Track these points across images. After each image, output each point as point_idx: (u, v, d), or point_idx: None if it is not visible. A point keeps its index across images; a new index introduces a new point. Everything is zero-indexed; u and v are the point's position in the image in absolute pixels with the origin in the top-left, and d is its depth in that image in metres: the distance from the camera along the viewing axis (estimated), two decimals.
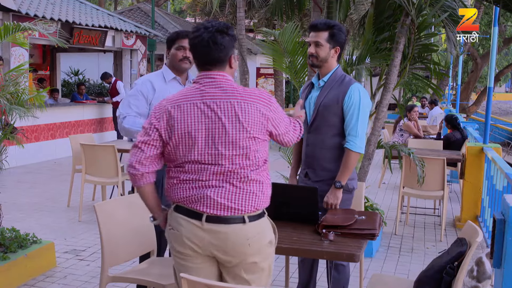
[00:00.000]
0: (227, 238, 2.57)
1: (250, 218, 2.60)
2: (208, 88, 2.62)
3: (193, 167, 2.60)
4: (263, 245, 2.65)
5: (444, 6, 5.49)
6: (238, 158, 2.58)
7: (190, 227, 2.59)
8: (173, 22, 19.03)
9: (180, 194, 2.62)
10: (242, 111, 2.57)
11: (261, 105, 2.62)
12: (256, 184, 2.63)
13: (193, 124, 2.57)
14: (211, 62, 2.64)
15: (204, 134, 2.57)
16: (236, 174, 2.58)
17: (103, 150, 6.64)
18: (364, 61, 5.62)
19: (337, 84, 3.65)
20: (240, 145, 2.57)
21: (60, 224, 6.53)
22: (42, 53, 16.08)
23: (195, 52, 2.68)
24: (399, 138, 10.37)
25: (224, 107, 2.57)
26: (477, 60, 22.60)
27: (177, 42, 3.92)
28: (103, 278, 3.45)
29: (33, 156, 10.93)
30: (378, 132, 5.71)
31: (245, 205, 2.59)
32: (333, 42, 3.58)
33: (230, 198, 2.57)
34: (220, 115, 2.57)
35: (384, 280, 3.61)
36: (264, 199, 2.67)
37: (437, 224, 7.01)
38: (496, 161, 5.92)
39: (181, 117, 2.59)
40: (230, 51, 2.69)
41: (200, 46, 2.62)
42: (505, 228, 3.14)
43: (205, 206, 2.57)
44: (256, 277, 2.67)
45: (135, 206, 3.66)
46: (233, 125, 2.56)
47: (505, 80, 40.85)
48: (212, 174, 2.58)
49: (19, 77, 5.07)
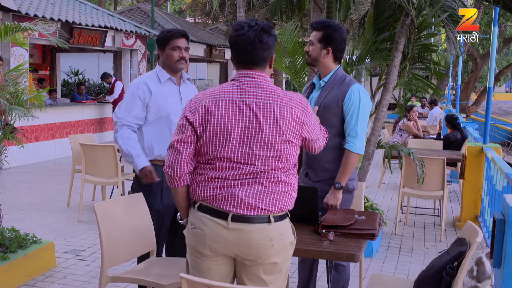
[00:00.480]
0: (251, 237, 2.56)
1: (275, 219, 2.60)
2: (248, 87, 2.60)
3: (224, 165, 2.58)
4: (285, 246, 2.65)
5: (444, 6, 5.49)
6: (271, 160, 2.57)
7: (215, 227, 2.57)
8: (173, 22, 19.03)
9: (206, 192, 2.60)
10: (280, 114, 2.56)
11: (298, 110, 2.61)
12: (284, 185, 2.62)
13: (230, 121, 2.55)
14: (255, 61, 2.62)
15: (240, 132, 2.56)
16: (266, 174, 2.57)
17: (103, 150, 6.64)
18: (364, 61, 5.62)
19: (337, 84, 3.65)
20: (275, 147, 2.56)
21: (60, 224, 6.53)
22: (42, 53, 16.09)
23: (238, 50, 2.63)
24: (399, 138, 10.37)
25: (263, 108, 2.56)
26: (477, 60, 22.61)
27: (172, 42, 3.79)
28: (103, 278, 3.44)
29: (33, 156, 10.93)
30: (378, 132, 5.71)
31: (272, 205, 2.58)
32: (324, 42, 3.58)
33: (258, 197, 2.56)
34: (258, 115, 2.55)
35: (384, 280, 3.61)
36: (290, 200, 2.66)
37: (437, 224, 7.01)
38: (496, 161, 5.92)
39: (218, 112, 2.56)
40: (273, 50, 2.69)
41: (245, 44, 2.58)
42: (505, 228, 3.14)
43: (231, 205, 2.55)
44: (274, 278, 2.66)
45: (134, 206, 3.67)
46: (271, 126, 2.55)
47: (505, 80, 40.87)
48: (242, 174, 2.57)
49: (19, 77, 5.07)
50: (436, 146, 8.83)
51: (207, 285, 2.27)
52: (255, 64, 2.62)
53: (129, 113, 3.82)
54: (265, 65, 2.66)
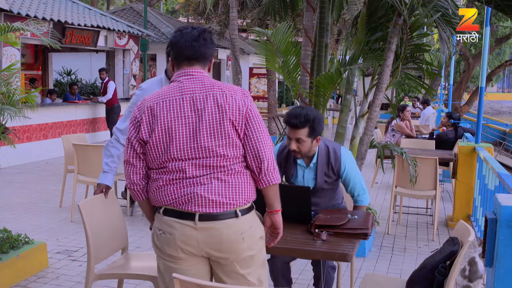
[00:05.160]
0: (221, 234, 2.56)
1: (242, 212, 2.60)
2: (186, 84, 2.63)
3: (176, 165, 2.57)
4: (255, 240, 2.66)
5: (436, 6, 5.50)
6: (222, 149, 2.56)
7: (184, 229, 2.57)
8: (165, 22, 19.00)
9: (168, 196, 2.59)
10: (221, 99, 2.58)
11: (241, 97, 2.62)
12: (243, 176, 2.62)
13: (171, 120, 2.57)
14: (197, 56, 2.66)
15: (183, 128, 2.56)
16: (221, 168, 2.57)
17: (96, 150, 6.62)
18: (357, 61, 5.63)
19: (326, 159, 3.71)
20: (221, 132, 2.55)
21: (52, 225, 6.50)
22: (34, 53, 16.01)
23: (182, 46, 2.66)
24: (391, 138, 10.39)
25: (203, 98, 2.58)
26: (469, 60, 22.70)
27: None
28: (90, 276, 3.48)
29: (25, 157, 10.89)
30: (370, 132, 5.72)
31: (236, 198, 2.58)
32: (314, 134, 3.56)
33: (220, 193, 2.56)
34: (199, 106, 2.57)
35: (377, 279, 3.62)
36: (253, 191, 2.67)
37: (429, 223, 7.03)
38: (488, 160, 5.95)
39: (160, 114, 2.58)
40: (213, 53, 2.74)
41: (189, 40, 2.65)
42: (496, 227, 3.15)
43: (196, 205, 2.55)
44: (252, 269, 2.67)
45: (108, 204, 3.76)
46: (213, 112, 2.56)
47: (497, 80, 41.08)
48: (197, 169, 2.56)
49: (10, 77, 5.05)
50: (429, 145, 8.86)
51: (199, 285, 2.26)
52: (197, 60, 2.67)
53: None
54: (206, 63, 2.71)
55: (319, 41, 5.95)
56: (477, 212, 6.65)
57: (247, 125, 2.59)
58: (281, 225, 2.77)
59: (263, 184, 2.62)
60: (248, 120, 2.60)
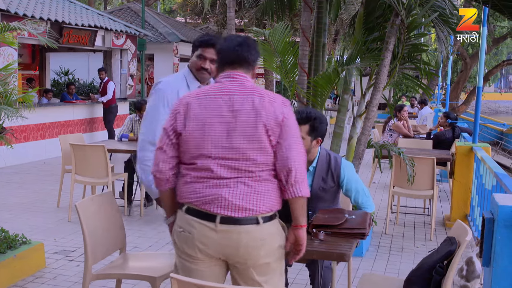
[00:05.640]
0: (240, 239, 2.55)
1: (264, 219, 2.59)
2: (228, 85, 2.66)
3: (205, 163, 2.58)
4: (274, 249, 2.64)
5: (434, 6, 5.51)
6: (253, 153, 2.56)
7: (203, 229, 2.57)
8: (163, 22, 18.98)
9: (192, 194, 2.60)
10: (260, 105, 2.59)
11: (281, 104, 2.63)
12: (270, 184, 2.61)
13: (208, 116, 2.59)
14: (240, 61, 2.70)
15: (218, 126, 2.58)
16: (249, 173, 2.57)
17: (93, 150, 6.61)
18: (355, 61, 5.63)
19: (326, 165, 3.73)
20: (255, 137, 2.56)
21: (50, 225, 6.49)
22: (31, 52, 15.98)
23: (227, 51, 2.72)
24: (388, 138, 10.40)
25: (242, 101, 2.60)
26: (467, 60, 22.75)
27: (200, 50, 3.43)
28: (87, 276, 3.48)
29: (22, 156, 10.87)
30: (368, 132, 5.72)
31: (260, 205, 2.57)
32: (314, 134, 3.60)
33: (244, 198, 2.55)
34: (237, 107, 2.58)
35: (374, 279, 3.62)
36: (277, 200, 2.64)
37: (427, 223, 7.03)
38: (485, 160, 5.96)
39: (197, 110, 2.61)
40: (257, 61, 2.79)
41: (234, 45, 2.71)
42: (494, 227, 3.15)
43: (219, 207, 2.55)
44: (269, 277, 2.65)
45: (105, 205, 3.73)
46: (249, 116, 2.57)
47: (494, 80, 41.16)
48: (225, 171, 2.56)
49: (8, 77, 5.04)
50: (426, 145, 8.86)
51: (197, 285, 2.26)
52: (240, 64, 2.70)
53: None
54: (249, 69, 2.73)
55: (316, 41, 5.96)
56: (474, 212, 6.66)
57: (281, 133, 2.58)
58: (304, 241, 2.70)
59: (290, 195, 2.59)
60: (283, 129, 2.59)
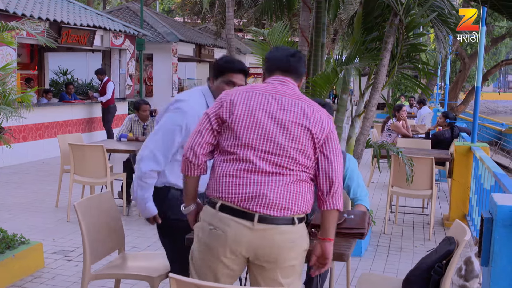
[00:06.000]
0: (274, 239, 2.53)
1: (299, 220, 2.58)
2: (279, 87, 2.68)
3: (246, 154, 2.55)
4: (301, 251, 2.64)
5: (432, 6, 5.51)
6: (295, 153, 2.56)
7: (239, 228, 2.53)
8: (162, 22, 18.97)
9: (230, 189, 2.55)
10: (308, 110, 2.61)
11: (327, 117, 2.67)
12: (307, 186, 2.62)
13: (257, 109, 2.59)
14: (291, 69, 2.75)
15: (266, 120, 2.58)
16: (289, 171, 2.56)
17: (92, 150, 6.61)
18: (354, 61, 5.63)
19: None
20: (300, 139, 2.57)
21: (48, 225, 6.49)
22: (30, 52, 15.96)
23: (278, 58, 2.77)
24: (387, 138, 10.40)
25: (292, 104, 2.62)
26: (465, 60, 22.76)
27: (228, 76, 3.24)
28: (86, 276, 3.48)
29: (21, 156, 10.86)
30: (367, 132, 5.73)
31: (297, 205, 2.56)
32: None
33: (284, 197, 2.54)
34: (286, 107, 2.60)
35: (373, 279, 3.62)
36: (311, 202, 2.65)
37: (425, 223, 7.04)
38: (484, 160, 5.96)
39: (246, 100, 2.61)
40: (303, 74, 2.85)
41: (286, 55, 2.77)
42: (492, 226, 3.15)
43: (258, 205, 2.52)
44: (291, 280, 2.64)
45: (104, 205, 3.73)
46: (297, 118, 2.58)
47: (493, 79, 41.16)
48: (266, 164, 2.54)
49: (6, 76, 5.04)
50: (425, 145, 8.87)
51: (197, 285, 2.25)
52: (291, 72, 2.75)
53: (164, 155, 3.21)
54: (297, 79, 2.78)
55: (315, 40, 5.96)
56: (473, 212, 6.67)
57: (325, 144, 2.61)
58: (331, 255, 2.66)
59: (327, 206, 2.60)
60: (328, 140, 2.62)
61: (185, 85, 20.76)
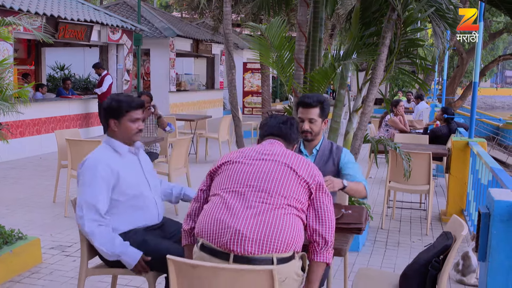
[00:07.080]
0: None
1: (280, 260, 2.46)
2: (267, 146, 2.88)
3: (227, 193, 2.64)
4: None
5: (430, 1, 5.50)
6: (279, 189, 2.61)
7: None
8: (159, 17, 18.93)
9: (207, 224, 2.55)
10: (297, 165, 2.70)
11: (316, 170, 2.76)
12: (290, 218, 2.56)
13: (240, 157, 2.76)
14: (282, 135, 2.98)
15: (253, 171, 2.68)
16: (269, 201, 2.56)
17: (89, 145, 6.59)
18: (351, 56, 5.62)
19: (328, 151, 3.90)
20: (289, 187, 2.62)
21: (46, 220, 6.49)
22: (27, 47, 15.94)
23: (271, 125, 3.02)
24: (385, 133, 10.42)
25: (281, 154, 2.76)
26: (463, 55, 22.76)
27: (130, 114, 3.40)
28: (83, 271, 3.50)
29: (18, 152, 10.85)
30: (364, 127, 5.73)
31: (275, 241, 2.45)
32: (323, 115, 3.82)
33: (259, 230, 2.46)
34: (274, 158, 2.73)
35: (370, 274, 3.63)
36: (299, 238, 2.55)
37: (423, 218, 7.05)
38: (481, 155, 5.97)
39: (235, 157, 2.79)
40: (296, 142, 3.08)
41: (278, 122, 3.02)
42: (490, 221, 3.16)
43: (233, 243, 2.44)
44: None
45: None
46: (284, 172, 2.67)
47: (490, 75, 41.20)
48: (247, 202, 2.56)
49: (3, 72, 5.02)
50: (422, 140, 8.88)
51: (193, 265, 2.33)
52: (281, 137, 2.98)
53: (103, 216, 3.41)
54: (288, 144, 2.99)
55: (313, 36, 5.95)
56: (470, 207, 6.68)
57: (316, 193, 2.68)
58: None
59: (319, 258, 2.62)
60: (319, 190, 2.69)
61: (182, 80, 20.72)
